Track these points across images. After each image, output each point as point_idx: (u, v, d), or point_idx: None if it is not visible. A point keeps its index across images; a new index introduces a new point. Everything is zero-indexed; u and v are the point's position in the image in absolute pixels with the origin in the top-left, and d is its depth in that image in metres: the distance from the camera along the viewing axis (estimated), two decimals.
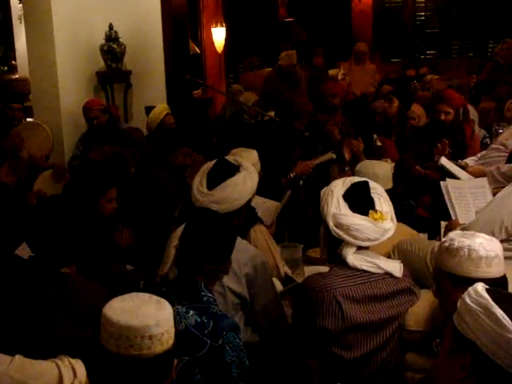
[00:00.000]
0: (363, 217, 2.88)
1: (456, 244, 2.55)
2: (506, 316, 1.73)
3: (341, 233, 2.87)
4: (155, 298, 2.10)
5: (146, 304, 2.05)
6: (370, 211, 2.90)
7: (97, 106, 6.21)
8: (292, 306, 3.34)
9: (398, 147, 6.13)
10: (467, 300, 1.82)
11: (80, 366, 2.11)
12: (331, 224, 2.89)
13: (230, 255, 2.80)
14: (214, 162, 3.45)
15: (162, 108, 6.25)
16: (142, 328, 1.97)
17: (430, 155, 5.15)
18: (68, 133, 6.61)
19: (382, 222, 2.91)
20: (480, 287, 1.83)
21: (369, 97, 8.58)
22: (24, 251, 3.17)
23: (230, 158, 3.50)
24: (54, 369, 2.06)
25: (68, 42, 6.61)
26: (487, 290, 1.82)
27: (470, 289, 1.86)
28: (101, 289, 2.87)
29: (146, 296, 2.11)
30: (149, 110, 6.36)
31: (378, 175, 3.91)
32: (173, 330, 2.06)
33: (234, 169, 3.35)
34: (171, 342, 2.03)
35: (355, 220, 2.86)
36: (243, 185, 3.31)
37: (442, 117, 5.24)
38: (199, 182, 3.32)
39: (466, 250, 2.51)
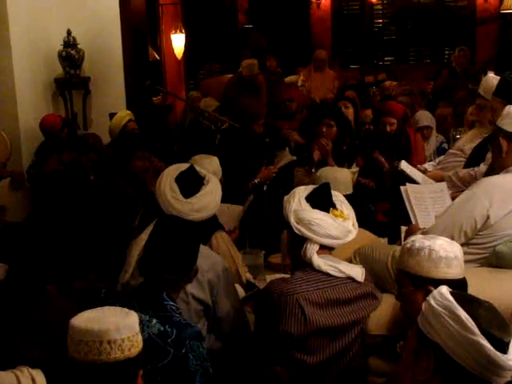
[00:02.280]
0: (323, 212, 2.93)
1: (417, 245, 2.59)
2: (469, 318, 1.76)
3: (302, 228, 2.90)
4: (125, 310, 2.11)
5: (113, 314, 2.07)
6: (331, 209, 2.96)
7: (56, 126, 6.13)
8: (254, 311, 3.34)
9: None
10: (432, 302, 1.85)
11: (40, 377, 2.07)
12: (292, 221, 2.92)
13: (192, 265, 2.78)
14: (174, 167, 3.45)
15: (124, 114, 6.22)
16: (101, 332, 1.98)
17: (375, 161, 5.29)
18: (26, 140, 6.52)
19: (344, 221, 2.95)
20: (444, 289, 1.86)
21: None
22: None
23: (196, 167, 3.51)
24: (13, 379, 2.02)
25: (25, 48, 6.53)
26: (451, 293, 1.85)
27: (435, 291, 1.88)
28: (76, 308, 2.82)
29: (117, 308, 2.13)
30: (113, 116, 6.32)
31: (339, 180, 3.94)
32: (137, 340, 2.05)
33: (202, 177, 3.41)
34: (134, 350, 2.02)
35: (315, 215, 2.91)
36: (216, 193, 3.41)
37: (388, 128, 5.46)
38: (171, 190, 3.32)
39: (427, 250, 2.55)
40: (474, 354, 1.75)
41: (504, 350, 1.75)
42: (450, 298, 1.83)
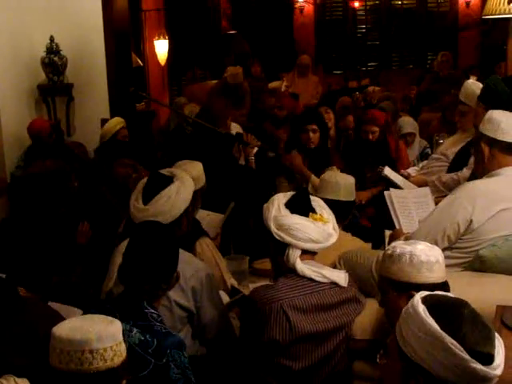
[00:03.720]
0: (303, 217, 2.94)
1: (398, 251, 2.59)
2: (455, 342, 1.72)
3: (282, 234, 2.91)
4: (109, 318, 2.09)
5: (95, 322, 2.05)
6: (310, 213, 2.96)
7: (45, 131, 6.11)
8: (239, 317, 3.34)
9: None
10: (412, 326, 1.79)
11: None
12: (273, 227, 2.92)
13: (171, 273, 2.75)
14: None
15: (117, 120, 6.19)
16: (82, 342, 1.96)
17: (359, 169, 5.27)
18: (9, 147, 6.47)
19: (324, 225, 2.96)
20: (421, 309, 1.79)
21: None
22: None
23: (164, 170, 3.47)
24: None
25: (7, 54, 6.49)
26: (428, 308, 1.79)
27: (411, 309, 1.82)
28: (59, 317, 2.80)
29: (100, 316, 2.11)
30: (104, 122, 6.30)
31: (340, 185, 3.96)
32: (120, 349, 2.03)
33: (168, 180, 3.32)
34: (117, 360, 2.00)
35: (295, 219, 2.91)
36: (176, 195, 3.27)
37: (370, 136, 5.43)
38: (135, 199, 3.29)
39: (408, 255, 2.55)
40: (464, 377, 1.73)
41: (491, 362, 1.74)
42: (431, 321, 1.76)
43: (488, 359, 1.73)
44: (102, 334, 1.98)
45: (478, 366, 1.71)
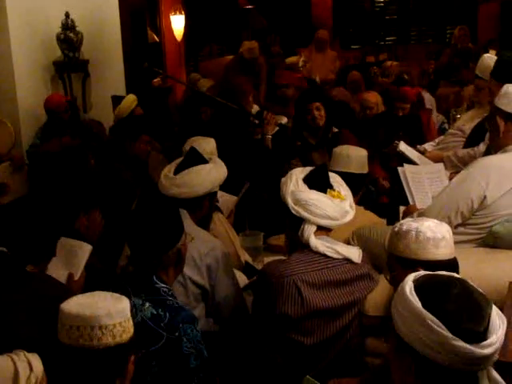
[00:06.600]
0: (320, 193, 2.94)
1: (404, 228, 2.59)
2: (436, 320, 1.70)
3: (299, 209, 2.90)
4: (116, 295, 2.10)
5: (104, 299, 2.06)
6: (328, 190, 2.96)
7: (61, 107, 6.14)
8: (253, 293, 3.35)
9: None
10: (398, 304, 1.79)
11: (36, 361, 2.07)
12: (290, 202, 2.92)
13: (165, 247, 2.67)
14: None
15: (132, 98, 6.20)
16: (92, 318, 1.97)
17: (386, 142, 5.22)
18: (25, 123, 6.53)
19: (341, 202, 2.96)
20: (408, 287, 1.79)
21: (327, 84, 8.62)
22: None
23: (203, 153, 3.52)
24: (9, 363, 2.02)
25: (23, 31, 6.51)
26: (416, 287, 1.79)
27: (400, 289, 1.82)
28: (68, 292, 2.81)
29: (107, 294, 2.11)
30: (115, 99, 6.30)
31: (352, 158, 3.94)
32: (128, 325, 2.05)
33: (204, 161, 3.41)
34: (125, 336, 2.02)
35: (312, 195, 2.91)
36: (207, 174, 3.34)
37: (400, 113, 5.60)
38: (168, 170, 3.38)
39: (414, 232, 2.55)
40: (450, 355, 1.69)
41: (480, 339, 1.69)
42: (413, 299, 1.75)
43: (475, 337, 1.69)
44: (111, 311, 2.00)
45: (460, 344, 1.68)
